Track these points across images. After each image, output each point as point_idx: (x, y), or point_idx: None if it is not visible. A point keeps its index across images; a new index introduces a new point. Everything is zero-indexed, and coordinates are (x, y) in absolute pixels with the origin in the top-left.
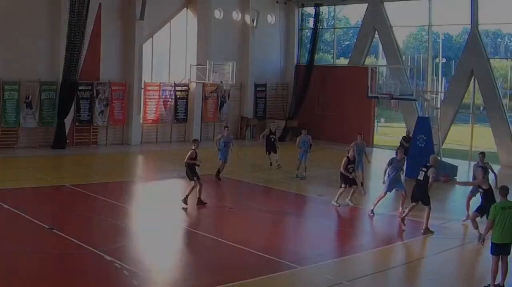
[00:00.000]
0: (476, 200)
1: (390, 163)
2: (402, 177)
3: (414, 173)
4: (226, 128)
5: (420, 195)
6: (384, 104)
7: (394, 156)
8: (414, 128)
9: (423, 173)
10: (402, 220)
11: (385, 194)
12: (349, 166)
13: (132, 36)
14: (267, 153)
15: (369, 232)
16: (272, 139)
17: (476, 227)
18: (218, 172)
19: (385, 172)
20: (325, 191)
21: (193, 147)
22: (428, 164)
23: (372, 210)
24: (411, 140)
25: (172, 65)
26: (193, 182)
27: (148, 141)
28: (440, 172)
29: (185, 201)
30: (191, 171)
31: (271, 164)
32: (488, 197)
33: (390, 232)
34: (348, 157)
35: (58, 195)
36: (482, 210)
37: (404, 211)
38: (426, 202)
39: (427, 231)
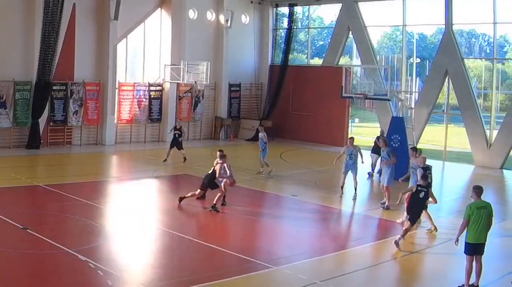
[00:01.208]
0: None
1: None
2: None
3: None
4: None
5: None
6: (358, 104)
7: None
8: (388, 128)
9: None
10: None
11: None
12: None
13: (106, 37)
14: (170, 147)
15: (343, 232)
16: (177, 135)
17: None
18: None
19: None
20: (299, 191)
21: (220, 161)
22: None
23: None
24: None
25: (146, 65)
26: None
27: (122, 141)
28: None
29: (215, 208)
30: (211, 181)
31: (165, 160)
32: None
33: (364, 232)
34: None
35: (32, 195)
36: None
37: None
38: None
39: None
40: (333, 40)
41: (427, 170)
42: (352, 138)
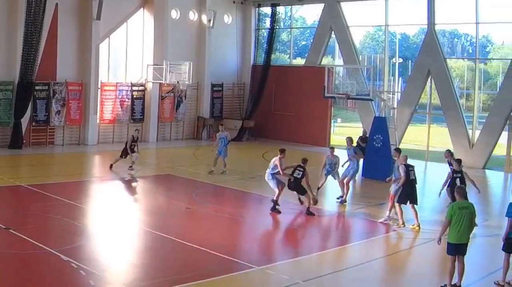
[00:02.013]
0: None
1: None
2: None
3: (369, 172)
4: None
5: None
6: (340, 104)
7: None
8: (371, 128)
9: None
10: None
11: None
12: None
13: (88, 36)
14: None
15: (326, 232)
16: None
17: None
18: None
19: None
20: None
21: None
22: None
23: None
24: (367, 140)
25: (129, 65)
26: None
27: (104, 141)
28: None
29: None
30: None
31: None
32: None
33: (346, 232)
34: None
35: (15, 195)
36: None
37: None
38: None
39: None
40: (315, 40)
41: (409, 167)
42: (332, 148)
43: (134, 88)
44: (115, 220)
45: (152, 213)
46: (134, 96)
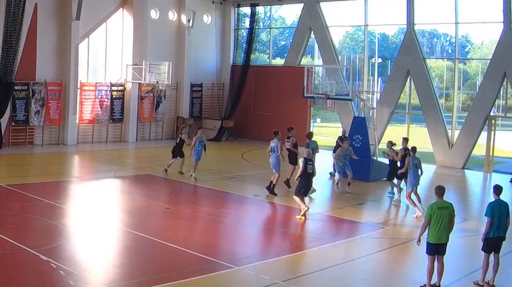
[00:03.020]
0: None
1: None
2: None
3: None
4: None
5: None
6: (320, 104)
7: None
8: (350, 128)
9: None
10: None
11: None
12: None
13: (68, 36)
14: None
15: (305, 232)
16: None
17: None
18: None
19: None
20: (261, 191)
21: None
22: None
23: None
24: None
25: (108, 65)
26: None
27: (84, 141)
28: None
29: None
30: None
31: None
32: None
33: (326, 232)
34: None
35: None
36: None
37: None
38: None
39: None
40: (295, 40)
41: (308, 161)
42: (346, 138)
43: (113, 88)
44: (94, 220)
45: (131, 213)
46: (114, 96)
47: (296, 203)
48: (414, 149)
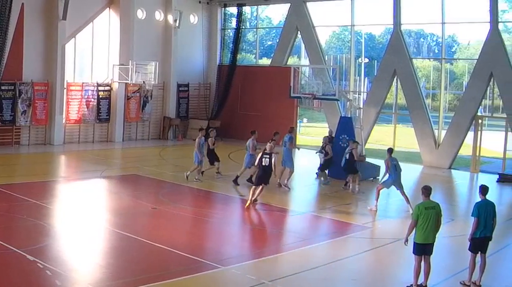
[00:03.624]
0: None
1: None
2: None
3: (336, 172)
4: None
5: None
6: (306, 104)
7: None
8: (337, 128)
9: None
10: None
11: None
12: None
13: (54, 36)
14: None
15: (292, 232)
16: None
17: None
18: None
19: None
20: (247, 191)
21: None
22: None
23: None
24: (333, 140)
25: (95, 65)
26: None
27: (70, 141)
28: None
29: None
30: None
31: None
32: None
33: (313, 232)
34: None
35: None
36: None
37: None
38: None
39: None
40: (281, 40)
41: (264, 155)
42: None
43: (100, 88)
44: (81, 220)
45: (118, 213)
46: (100, 96)
47: (281, 203)
48: (391, 149)
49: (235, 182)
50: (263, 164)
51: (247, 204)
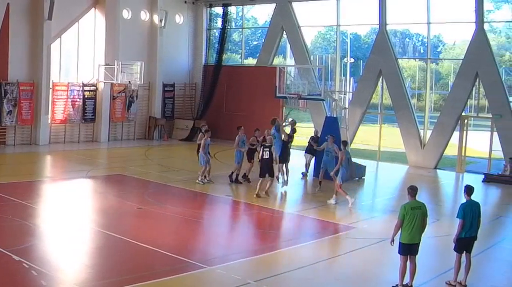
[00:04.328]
0: None
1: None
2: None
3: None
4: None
5: None
6: (292, 104)
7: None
8: (322, 128)
9: None
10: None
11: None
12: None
13: (40, 36)
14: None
15: (277, 232)
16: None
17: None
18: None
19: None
20: (232, 191)
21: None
22: None
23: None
24: (319, 140)
25: (80, 65)
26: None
27: (56, 141)
28: None
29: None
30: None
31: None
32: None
33: (298, 232)
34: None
35: None
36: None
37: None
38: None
39: None
40: (267, 40)
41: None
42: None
43: (85, 88)
44: (66, 220)
45: (103, 213)
46: (86, 96)
47: (267, 203)
48: (345, 142)
49: (236, 181)
50: (264, 157)
51: (255, 195)
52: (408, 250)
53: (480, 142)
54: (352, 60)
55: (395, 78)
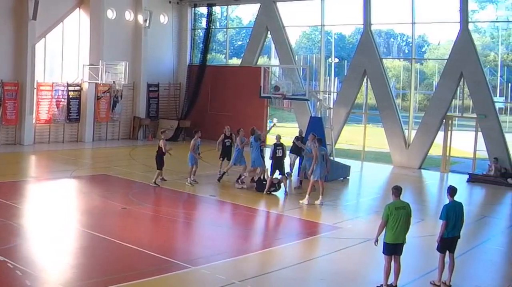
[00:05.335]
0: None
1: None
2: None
3: (305, 172)
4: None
5: None
6: (276, 104)
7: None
8: (307, 128)
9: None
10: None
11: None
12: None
13: (24, 36)
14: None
15: (262, 232)
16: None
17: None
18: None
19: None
20: (217, 191)
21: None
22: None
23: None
24: (303, 140)
25: (65, 65)
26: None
27: (41, 141)
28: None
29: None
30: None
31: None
32: None
33: (282, 232)
34: None
35: None
36: None
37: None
38: None
39: None
40: (251, 40)
41: (277, 146)
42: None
43: (70, 88)
44: (51, 220)
45: (88, 213)
46: (70, 96)
47: (251, 203)
48: (320, 140)
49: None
50: (277, 155)
51: (264, 191)
52: (393, 250)
53: (465, 142)
54: (337, 60)
55: (380, 78)
